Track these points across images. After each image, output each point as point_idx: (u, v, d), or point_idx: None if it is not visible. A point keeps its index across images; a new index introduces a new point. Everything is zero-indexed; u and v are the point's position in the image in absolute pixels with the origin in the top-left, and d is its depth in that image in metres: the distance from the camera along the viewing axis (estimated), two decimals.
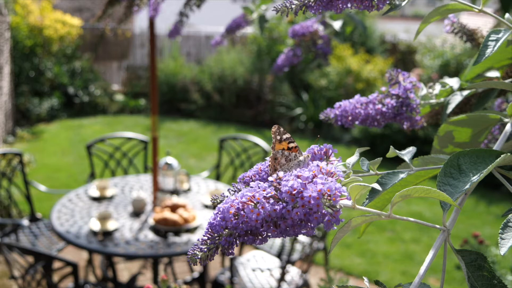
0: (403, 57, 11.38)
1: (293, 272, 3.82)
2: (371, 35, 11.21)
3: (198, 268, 4.49)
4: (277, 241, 4.25)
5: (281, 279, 3.54)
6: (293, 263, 3.82)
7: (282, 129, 0.82)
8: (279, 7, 0.79)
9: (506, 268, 3.23)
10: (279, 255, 3.77)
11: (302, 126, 9.54)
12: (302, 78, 10.05)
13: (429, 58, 8.72)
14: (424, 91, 1.12)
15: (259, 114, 10.22)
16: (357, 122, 1.06)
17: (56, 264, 3.86)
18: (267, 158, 0.79)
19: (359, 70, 9.34)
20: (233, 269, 3.70)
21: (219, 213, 0.65)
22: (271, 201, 0.64)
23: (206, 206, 3.94)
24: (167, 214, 3.52)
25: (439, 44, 9.05)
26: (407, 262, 5.15)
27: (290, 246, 3.57)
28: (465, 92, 1.09)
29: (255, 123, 10.15)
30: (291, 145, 0.80)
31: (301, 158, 0.79)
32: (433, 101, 1.12)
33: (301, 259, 3.84)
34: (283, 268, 3.55)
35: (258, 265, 3.89)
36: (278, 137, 0.81)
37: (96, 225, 3.45)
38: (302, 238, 4.01)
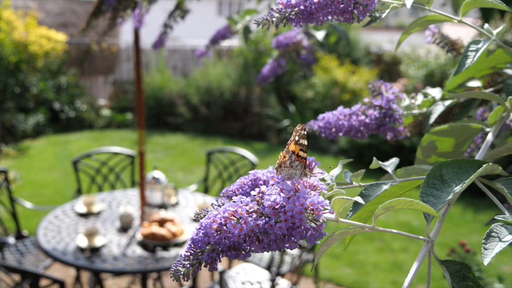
0: (388, 68, 11.48)
1: (283, 285, 3.81)
2: (356, 46, 11.30)
3: (187, 283, 4.45)
4: (266, 254, 4.23)
5: None
6: (282, 275, 3.80)
7: (304, 132, 0.77)
8: (260, 20, 0.79)
9: (494, 276, 3.24)
10: (268, 268, 3.75)
11: (290, 138, 9.55)
12: (289, 90, 10.09)
13: (413, 68, 8.81)
14: (406, 101, 1.12)
15: (247, 126, 10.22)
16: (340, 134, 1.06)
17: (43, 282, 3.80)
18: (250, 172, 0.78)
19: (345, 81, 9.40)
20: (222, 283, 3.67)
21: (202, 228, 0.64)
22: (254, 216, 0.63)
23: (195, 220, 3.91)
24: (155, 229, 3.49)
25: (423, 54, 9.15)
26: (397, 272, 5.15)
27: (280, 259, 3.55)
28: (447, 102, 1.10)
29: (242, 136, 10.15)
30: (301, 153, 0.76)
31: (297, 173, 0.74)
32: (415, 111, 1.12)
33: (291, 271, 3.82)
34: (272, 280, 3.53)
35: (247, 278, 3.86)
36: (297, 138, 0.76)
37: (83, 242, 3.41)
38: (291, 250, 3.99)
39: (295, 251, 3.92)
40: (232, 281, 3.79)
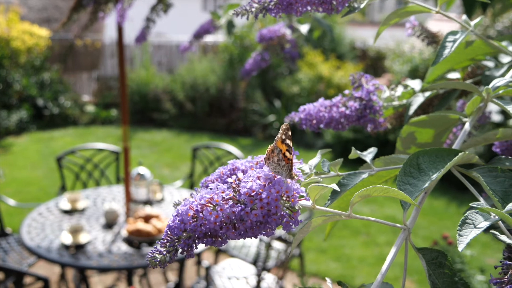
0: (373, 63, 11.54)
1: (269, 279, 3.82)
2: (341, 41, 11.34)
3: (173, 279, 4.44)
4: (253, 249, 4.24)
5: (257, 286, 3.52)
6: (268, 270, 3.81)
7: (289, 132, 0.75)
8: (239, 10, 0.79)
9: (476, 268, 3.28)
10: (254, 263, 3.76)
11: (275, 133, 9.57)
12: (274, 86, 10.09)
13: (398, 63, 8.86)
14: (386, 93, 1.13)
15: (232, 122, 10.21)
16: (321, 125, 1.06)
17: (27, 280, 3.78)
18: (229, 162, 0.78)
19: (330, 76, 9.43)
20: (208, 278, 3.68)
21: (178, 215, 0.64)
22: (230, 203, 0.63)
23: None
24: (141, 225, 3.48)
25: (408, 49, 9.20)
26: (382, 265, 5.19)
27: (266, 253, 3.56)
28: (427, 93, 1.11)
29: (228, 131, 10.14)
30: (287, 154, 0.73)
31: (283, 173, 0.71)
32: (395, 103, 1.13)
33: (277, 266, 3.84)
34: (258, 275, 3.54)
35: (234, 273, 3.87)
36: (283, 137, 0.74)
37: (67, 239, 3.39)
38: (277, 245, 4.01)
39: (281, 246, 3.93)
40: (218, 277, 3.80)
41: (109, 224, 3.74)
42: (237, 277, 3.81)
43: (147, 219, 3.62)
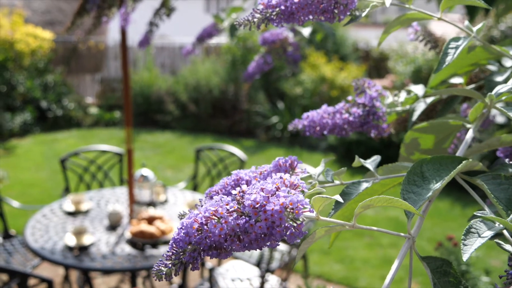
0: (376, 64, 11.53)
1: (273, 281, 3.82)
2: (344, 42, 11.33)
3: (177, 280, 4.45)
4: (256, 251, 4.24)
5: None
6: (272, 272, 3.81)
7: None
8: (242, 20, 0.80)
9: (481, 269, 3.27)
10: (258, 264, 3.76)
11: (278, 134, 9.57)
12: (277, 87, 10.09)
13: (401, 64, 8.85)
14: (390, 99, 1.13)
15: (236, 123, 10.21)
16: (325, 132, 1.06)
17: (32, 281, 3.78)
18: (233, 172, 0.78)
19: (333, 77, 9.42)
20: (212, 280, 3.68)
21: (183, 228, 0.64)
22: (234, 215, 0.64)
23: (182, 218, 3.90)
24: (144, 227, 3.49)
25: (411, 50, 9.19)
26: (386, 267, 5.19)
27: (269, 255, 3.56)
28: (430, 99, 1.11)
29: (231, 133, 10.14)
30: None
31: None
32: (399, 108, 1.13)
33: (280, 268, 3.84)
34: (262, 277, 3.54)
35: (237, 275, 3.87)
36: None
37: (71, 240, 3.40)
38: (280, 246, 4.01)
39: (285, 248, 3.93)
40: (221, 278, 3.80)
41: (113, 226, 3.74)
42: (240, 279, 3.81)
43: (150, 220, 3.62)
